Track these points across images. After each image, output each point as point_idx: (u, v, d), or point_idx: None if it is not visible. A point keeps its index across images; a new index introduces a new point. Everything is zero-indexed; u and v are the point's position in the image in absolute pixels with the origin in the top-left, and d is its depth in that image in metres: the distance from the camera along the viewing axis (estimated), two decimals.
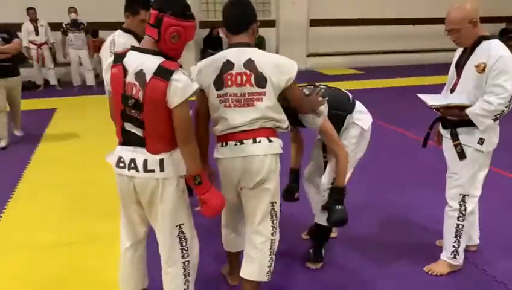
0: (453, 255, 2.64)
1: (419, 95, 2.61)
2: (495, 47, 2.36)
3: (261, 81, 2.04)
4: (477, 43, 2.42)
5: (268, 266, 2.21)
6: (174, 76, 1.81)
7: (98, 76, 9.29)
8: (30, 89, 8.36)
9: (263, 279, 2.21)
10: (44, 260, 2.88)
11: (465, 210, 2.55)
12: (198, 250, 2.17)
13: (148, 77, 1.82)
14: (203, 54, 9.61)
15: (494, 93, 2.31)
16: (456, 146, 2.50)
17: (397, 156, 4.79)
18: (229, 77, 2.06)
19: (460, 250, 2.63)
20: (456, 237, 2.60)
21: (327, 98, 2.50)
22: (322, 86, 2.66)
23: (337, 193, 2.52)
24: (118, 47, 2.68)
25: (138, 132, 1.92)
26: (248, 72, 2.05)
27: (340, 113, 2.58)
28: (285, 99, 2.21)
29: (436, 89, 2.84)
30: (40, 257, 2.92)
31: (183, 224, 2.04)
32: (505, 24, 11.84)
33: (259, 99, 2.06)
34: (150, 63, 1.83)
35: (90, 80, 8.82)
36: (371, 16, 11.30)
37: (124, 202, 2.09)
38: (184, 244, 2.06)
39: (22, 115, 5.63)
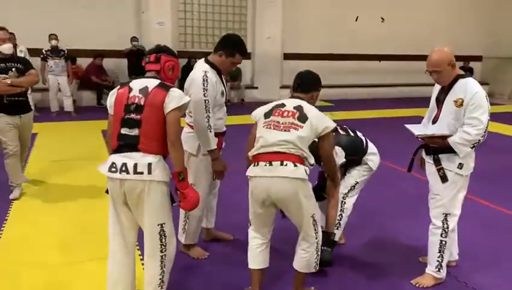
0: (437, 269, 2.92)
1: (407, 126, 2.95)
2: (470, 84, 2.74)
3: (303, 119, 2.45)
4: (454, 80, 2.80)
5: (315, 262, 2.64)
6: (172, 89, 2.34)
7: (75, 102, 9.33)
8: None
9: (311, 270, 2.66)
10: (54, 278, 2.97)
11: (447, 227, 2.86)
12: (175, 246, 2.48)
13: (150, 89, 2.31)
14: (181, 82, 9.80)
15: (472, 125, 2.67)
16: (439, 170, 2.83)
17: (379, 184, 5.11)
18: (278, 110, 2.50)
19: (444, 264, 2.92)
20: (439, 252, 2.90)
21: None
22: (343, 133, 3.10)
23: (325, 237, 2.86)
24: (209, 84, 2.84)
25: (133, 132, 2.28)
26: (295, 111, 2.47)
27: (356, 158, 3.10)
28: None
29: (401, 121, 3.26)
30: (49, 275, 3.00)
31: (164, 223, 2.36)
32: (462, 62, 12.81)
33: (296, 129, 2.43)
34: (153, 82, 2.36)
35: (69, 106, 8.80)
36: (339, 51, 11.99)
37: (114, 205, 2.38)
38: (163, 240, 2.37)
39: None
